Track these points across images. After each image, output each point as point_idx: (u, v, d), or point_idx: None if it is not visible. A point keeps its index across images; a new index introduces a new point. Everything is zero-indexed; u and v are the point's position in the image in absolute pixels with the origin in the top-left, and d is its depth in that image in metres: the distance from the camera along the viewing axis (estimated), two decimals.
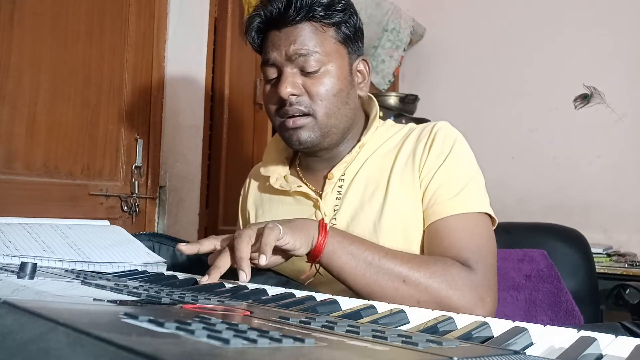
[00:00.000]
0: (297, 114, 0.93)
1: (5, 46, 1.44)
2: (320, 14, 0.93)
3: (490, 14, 2.75)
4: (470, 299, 0.82)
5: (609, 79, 2.41)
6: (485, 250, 0.88)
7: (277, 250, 0.78)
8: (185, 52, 1.90)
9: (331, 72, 0.94)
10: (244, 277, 0.72)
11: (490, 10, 2.75)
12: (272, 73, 0.96)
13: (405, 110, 2.46)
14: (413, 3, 2.88)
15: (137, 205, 1.77)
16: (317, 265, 0.84)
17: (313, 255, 0.81)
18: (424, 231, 0.93)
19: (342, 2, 0.96)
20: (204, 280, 0.74)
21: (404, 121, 2.29)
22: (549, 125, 2.54)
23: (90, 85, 1.65)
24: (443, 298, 0.80)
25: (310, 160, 1.05)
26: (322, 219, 0.84)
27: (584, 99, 2.46)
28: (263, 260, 0.73)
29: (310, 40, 0.93)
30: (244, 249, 0.74)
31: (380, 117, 1.06)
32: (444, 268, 0.83)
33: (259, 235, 0.76)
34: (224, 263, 0.76)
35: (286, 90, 0.92)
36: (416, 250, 0.93)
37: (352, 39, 0.98)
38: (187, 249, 0.80)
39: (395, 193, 0.94)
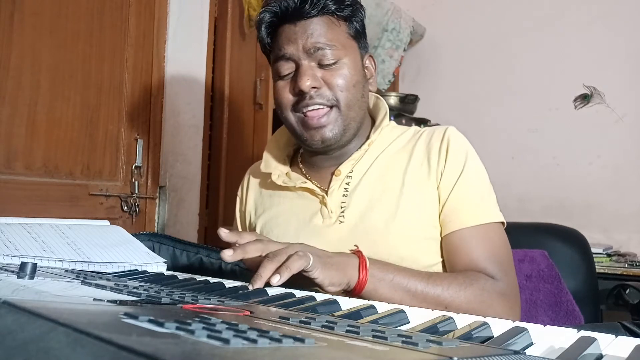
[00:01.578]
0: (319, 107, 0.93)
1: (5, 46, 1.44)
2: (333, 7, 0.94)
3: (490, 14, 2.75)
4: (504, 312, 0.85)
5: (609, 79, 2.41)
6: (508, 260, 0.92)
7: (301, 276, 0.75)
8: (185, 52, 1.90)
9: (348, 64, 0.94)
10: (276, 279, 0.71)
11: (490, 10, 2.75)
12: (288, 68, 0.95)
13: (405, 110, 2.46)
14: (413, 3, 2.88)
15: (137, 205, 1.77)
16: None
17: (353, 294, 0.80)
18: (441, 238, 0.94)
19: None
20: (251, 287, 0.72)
21: (403, 121, 2.29)
22: (549, 125, 2.53)
23: (90, 85, 1.65)
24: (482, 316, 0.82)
25: (317, 158, 1.03)
26: (360, 253, 0.82)
27: (584, 99, 2.46)
28: (275, 280, 0.70)
29: (327, 33, 0.93)
30: (270, 268, 0.72)
31: None
32: (481, 287, 0.85)
33: (287, 257, 0.73)
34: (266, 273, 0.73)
35: (307, 83, 0.91)
36: (426, 252, 0.93)
37: (361, 34, 1.00)
38: (230, 257, 0.75)
39: (410, 195, 0.94)
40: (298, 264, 0.72)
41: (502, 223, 0.95)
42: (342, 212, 0.96)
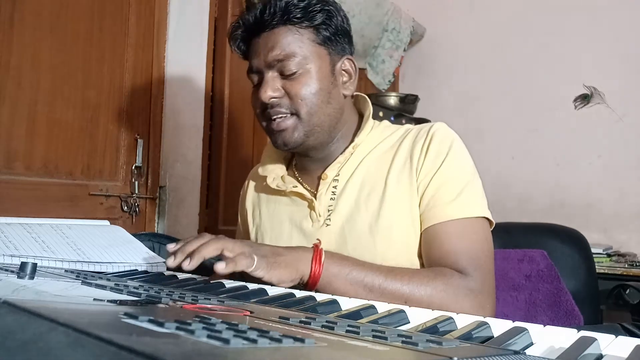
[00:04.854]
0: (280, 116, 0.95)
1: (5, 46, 1.44)
2: (297, 16, 0.94)
3: (490, 14, 2.75)
4: (473, 309, 0.82)
5: (609, 79, 2.41)
6: (484, 256, 0.88)
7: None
8: (185, 52, 1.90)
9: (310, 73, 0.95)
10: (187, 263, 0.76)
11: (490, 11, 2.75)
12: (256, 79, 0.99)
13: (405, 110, 2.46)
14: (413, 3, 2.88)
15: (137, 205, 1.77)
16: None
17: (307, 287, 0.82)
18: (421, 233, 0.93)
19: (320, 3, 0.96)
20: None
21: (404, 121, 2.29)
22: (549, 125, 2.53)
23: (90, 85, 1.65)
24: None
25: (305, 160, 1.05)
26: (317, 245, 0.85)
27: (584, 99, 2.46)
28: (219, 269, 0.74)
29: (288, 44, 0.94)
30: (205, 251, 0.77)
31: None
32: (445, 282, 0.83)
33: (233, 255, 0.77)
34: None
35: (266, 94, 0.94)
36: (413, 252, 0.93)
37: (333, 39, 0.98)
38: (188, 266, 0.79)
39: (393, 195, 0.94)
40: (243, 262, 0.76)
41: (487, 220, 0.92)
42: (329, 215, 0.97)
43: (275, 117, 0.95)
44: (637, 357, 0.40)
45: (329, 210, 0.98)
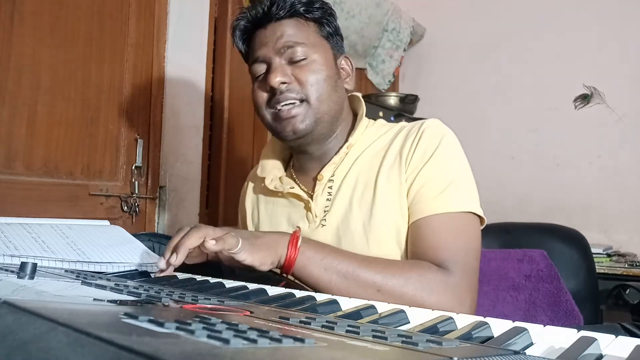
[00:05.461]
0: (289, 102, 0.95)
1: (5, 46, 1.44)
2: (302, 9, 0.97)
3: (490, 14, 2.75)
4: (448, 302, 0.82)
5: (609, 79, 2.41)
6: (466, 251, 0.88)
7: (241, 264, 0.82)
8: (185, 52, 1.90)
9: (318, 61, 0.97)
10: (174, 259, 0.80)
11: (490, 10, 2.75)
12: (261, 69, 0.98)
13: (405, 110, 2.46)
14: (413, 3, 2.88)
15: (137, 205, 1.77)
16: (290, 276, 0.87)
17: (283, 270, 0.84)
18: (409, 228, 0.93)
19: (319, 1, 1.00)
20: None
21: (403, 121, 2.29)
22: (549, 125, 2.54)
23: (90, 85, 1.65)
24: (420, 304, 0.79)
25: (303, 159, 1.05)
26: (295, 232, 0.86)
27: (584, 99, 2.46)
28: (210, 244, 0.77)
29: (296, 33, 0.97)
30: (193, 241, 0.80)
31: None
32: (420, 273, 0.83)
33: (218, 236, 0.80)
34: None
35: (276, 79, 0.94)
36: (401, 251, 0.93)
37: (333, 36, 1.02)
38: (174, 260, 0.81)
39: (384, 193, 0.93)
40: (231, 240, 0.78)
41: (478, 216, 0.91)
42: (325, 216, 0.98)
43: (284, 103, 0.95)
44: (637, 357, 0.40)
45: (324, 211, 0.98)
